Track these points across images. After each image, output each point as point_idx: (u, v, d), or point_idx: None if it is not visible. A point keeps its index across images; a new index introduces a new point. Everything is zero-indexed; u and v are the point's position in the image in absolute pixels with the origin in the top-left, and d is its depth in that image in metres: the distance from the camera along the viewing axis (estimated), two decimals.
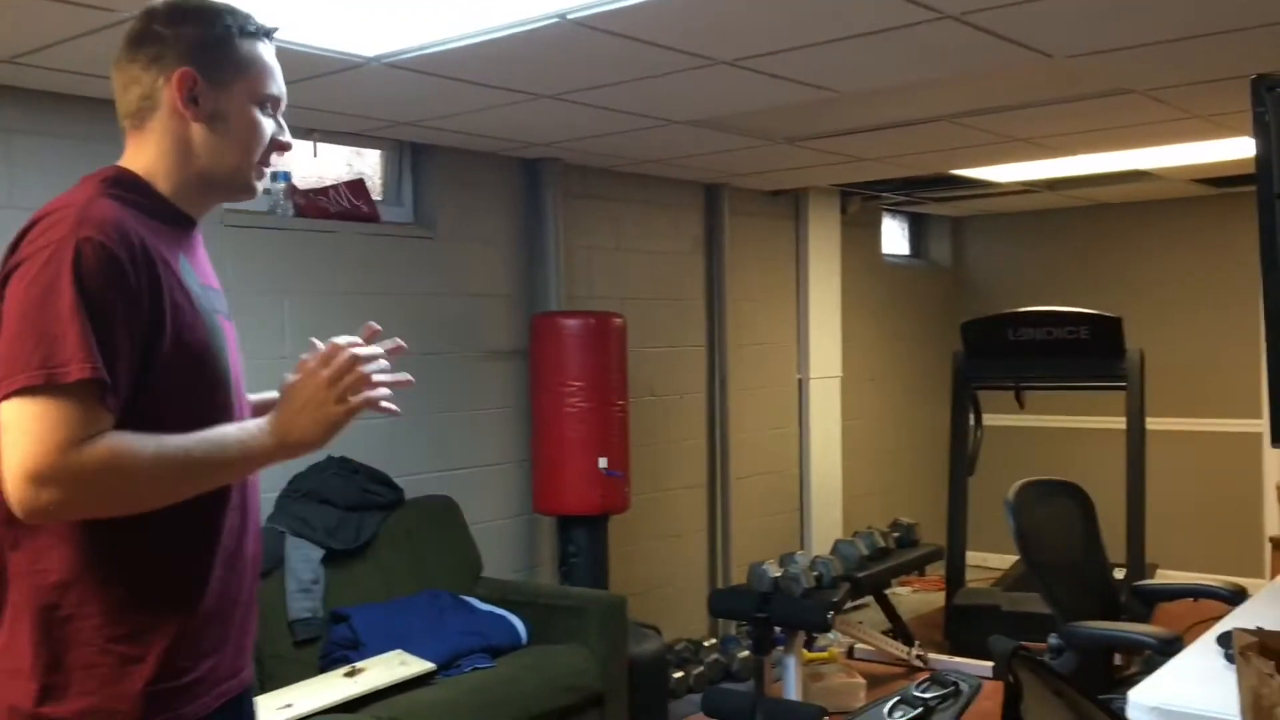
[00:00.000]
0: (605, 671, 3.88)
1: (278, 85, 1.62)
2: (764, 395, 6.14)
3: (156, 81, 1.53)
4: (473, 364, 4.69)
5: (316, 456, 4.10)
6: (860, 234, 6.91)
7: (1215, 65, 3.48)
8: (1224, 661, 2.61)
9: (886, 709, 1.17)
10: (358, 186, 4.31)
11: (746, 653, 5.10)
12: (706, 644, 5.22)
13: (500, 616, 3.95)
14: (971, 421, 5.99)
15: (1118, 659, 3.67)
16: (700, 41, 3.09)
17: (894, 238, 7.62)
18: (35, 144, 3.42)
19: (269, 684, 3.47)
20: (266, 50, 1.60)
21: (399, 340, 1.69)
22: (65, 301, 1.33)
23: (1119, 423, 5.59)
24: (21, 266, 1.38)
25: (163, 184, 1.54)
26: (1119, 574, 4.66)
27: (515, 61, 3.27)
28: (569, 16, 2.82)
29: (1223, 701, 2.36)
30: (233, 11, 1.58)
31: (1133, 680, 3.37)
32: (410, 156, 4.61)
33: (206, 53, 1.53)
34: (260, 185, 1.64)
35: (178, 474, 1.40)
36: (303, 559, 3.73)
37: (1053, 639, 3.26)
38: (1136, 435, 5.37)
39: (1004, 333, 5.62)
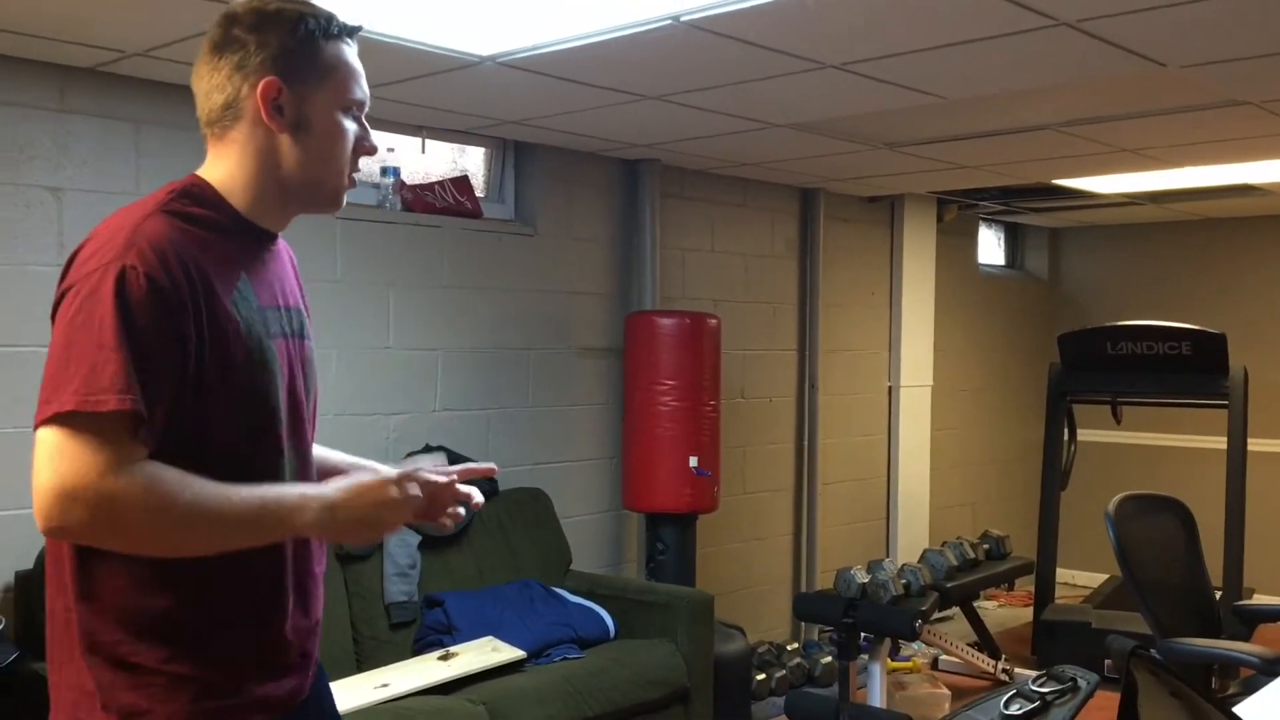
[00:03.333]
0: (691, 668, 3.91)
1: (362, 90, 1.55)
2: (854, 402, 6.12)
3: (240, 90, 1.47)
4: (567, 360, 4.76)
5: (414, 445, 4.20)
6: (956, 242, 6.85)
7: None
8: None
9: (1003, 701, 1.18)
10: (462, 183, 4.41)
11: (829, 658, 5.10)
12: (789, 647, 5.22)
13: (589, 609, 4.00)
14: (1065, 436, 5.90)
15: (1214, 681, 3.60)
16: (810, 45, 3.11)
17: (990, 247, 7.54)
18: (162, 135, 3.56)
19: (365, 664, 3.57)
20: (350, 52, 1.54)
21: (493, 466, 1.72)
22: (107, 332, 1.31)
23: (1218, 442, 5.46)
24: (70, 292, 1.36)
25: (239, 196, 1.49)
26: (1216, 595, 4.56)
27: (624, 63, 3.32)
28: (682, 19, 2.86)
29: None
30: (315, 13, 1.50)
31: (1231, 702, 3.30)
32: (513, 154, 4.70)
33: (290, 59, 1.47)
34: (345, 198, 1.58)
35: (211, 523, 1.35)
36: (400, 544, 3.82)
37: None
38: (1238, 455, 5.24)
39: (1103, 346, 5.53)
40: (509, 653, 3.59)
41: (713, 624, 4.09)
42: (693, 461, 4.49)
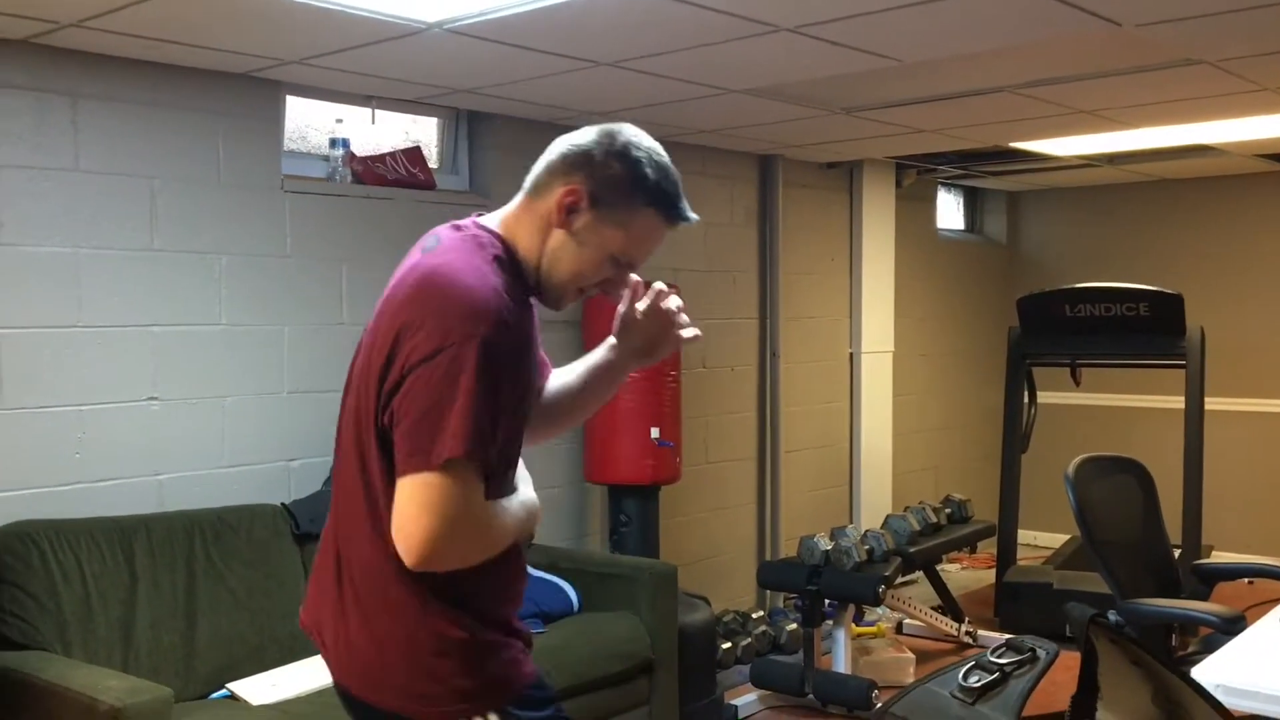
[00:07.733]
0: (656, 640, 3.89)
1: (640, 256, 1.74)
2: (815, 369, 6.12)
3: (557, 180, 1.68)
4: None
5: None
6: (915, 208, 6.84)
7: None
8: None
9: (961, 673, 1.16)
10: (415, 154, 4.32)
11: (794, 625, 5.11)
12: (754, 616, 5.23)
13: (553, 583, 3.97)
14: (1026, 398, 5.92)
15: (1174, 639, 3.63)
16: (764, 7, 3.06)
17: (949, 212, 7.53)
18: (101, 109, 3.46)
19: None
20: (662, 230, 1.72)
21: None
22: (464, 394, 1.53)
23: (1176, 402, 5.50)
24: (439, 355, 1.54)
25: (528, 260, 1.72)
26: (1175, 553, 4.60)
27: (577, 28, 3.25)
28: None
29: None
30: (671, 185, 1.69)
31: (1190, 660, 3.33)
32: (467, 124, 4.62)
33: (612, 190, 1.67)
34: (565, 307, 1.79)
35: (509, 526, 1.73)
36: None
37: (1111, 615, 3.22)
38: (1195, 414, 5.28)
39: (1061, 308, 5.54)
40: None
41: (676, 595, 4.07)
42: (654, 433, 4.46)
